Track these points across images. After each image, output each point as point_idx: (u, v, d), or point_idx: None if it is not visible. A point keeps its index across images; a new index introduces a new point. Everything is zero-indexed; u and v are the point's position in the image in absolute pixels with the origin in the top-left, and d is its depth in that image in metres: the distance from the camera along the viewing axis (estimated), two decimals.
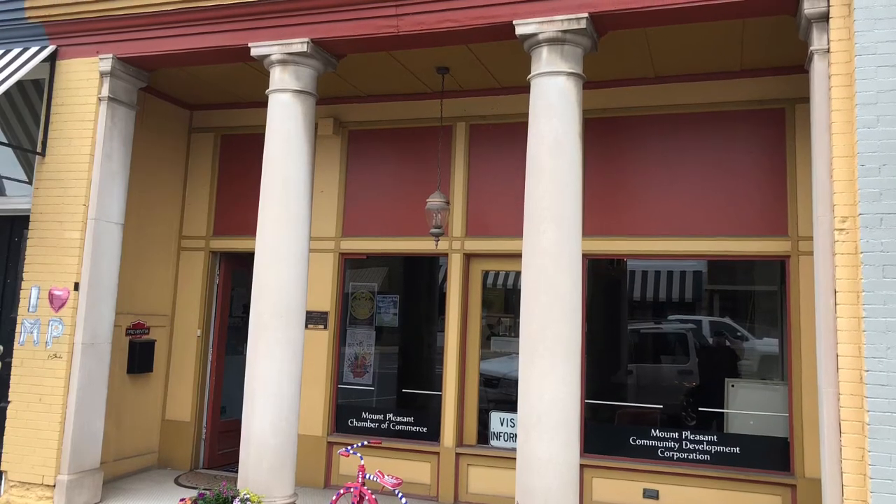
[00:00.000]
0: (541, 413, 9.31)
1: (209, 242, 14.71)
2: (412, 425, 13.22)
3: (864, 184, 8.20)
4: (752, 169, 11.74)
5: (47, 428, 11.63)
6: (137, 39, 11.97)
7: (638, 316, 13.06)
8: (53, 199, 12.02)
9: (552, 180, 9.58)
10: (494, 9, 10.12)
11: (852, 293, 8.31)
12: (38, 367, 11.77)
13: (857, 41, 8.43)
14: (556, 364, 9.34)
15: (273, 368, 10.66)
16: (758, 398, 11.73)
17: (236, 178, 14.68)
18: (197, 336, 14.53)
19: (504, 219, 12.72)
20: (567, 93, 9.76)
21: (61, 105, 12.24)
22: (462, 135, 13.22)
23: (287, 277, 10.81)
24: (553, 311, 9.41)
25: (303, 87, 11.12)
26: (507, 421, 12.71)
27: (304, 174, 11.05)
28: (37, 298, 11.91)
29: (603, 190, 12.33)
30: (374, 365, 13.76)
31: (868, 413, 7.93)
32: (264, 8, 11.10)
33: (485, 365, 13.06)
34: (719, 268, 12.46)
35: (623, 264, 12.75)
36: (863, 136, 8.26)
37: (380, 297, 13.91)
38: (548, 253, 9.49)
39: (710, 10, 9.47)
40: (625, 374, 12.88)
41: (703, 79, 12.01)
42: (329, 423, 13.48)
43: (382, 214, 13.61)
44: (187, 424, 14.42)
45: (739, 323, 12.48)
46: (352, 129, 14.01)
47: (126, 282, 13.32)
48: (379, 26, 10.69)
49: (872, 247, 8.10)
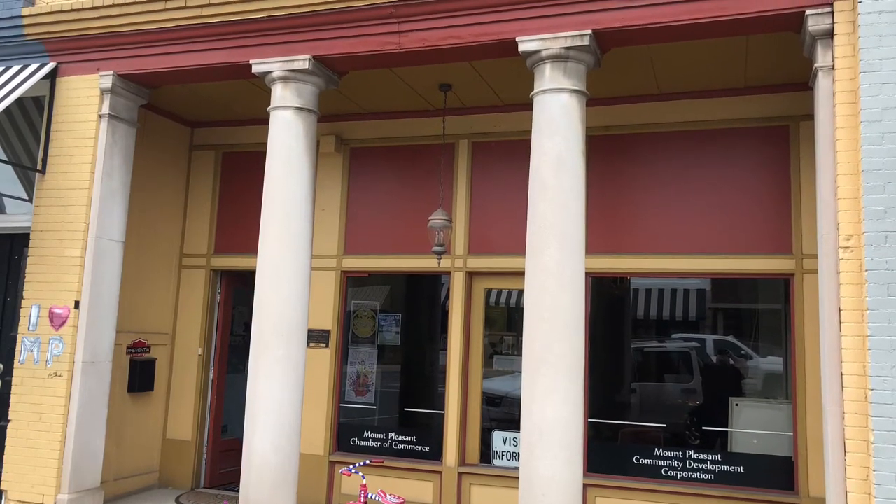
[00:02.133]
0: (544, 432, 9.26)
1: (210, 260, 14.66)
2: (414, 444, 13.15)
3: (869, 201, 8.17)
4: (757, 186, 11.69)
5: (47, 447, 11.58)
6: (138, 56, 11.95)
7: (641, 334, 13.01)
8: (54, 217, 11.98)
9: (555, 198, 9.54)
10: (497, 25, 10.10)
11: (857, 311, 8.27)
12: (39, 385, 11.72)
13: (861, 58, 8.40)
14: (559, 382, 9.29)
15: (274, 387, 10.59)
16: (762, 417, 11.68)
17: (237, 195, 14.63)
18: (198, 354, 14.46)
19: (506, 236, 12.66)
20: (570, 110, 9.72)
21: (62, 122, 12.21)
22: (464, 152, 13.19)
23: (288, 296, 10.76)
24: (556, 329, 9.35)
25: (304, 105, 11.08)
26: (509, 440, 12.64)
27: (305, 192, 11.00)
28: (37, 317, 11.86)
29: (606, 207, 12.28)
30: (376, 383, 13.70)
31: (873, 432, 7.90)
32: (266, 25, 11.07)
33: (487, 383, 13.00)
34: (723, 286, 12.42)
35: (626, 282, 12.70)
36: (867, 153, 8.24)
37: (382, 315, 13.86)
38: (551, 271, 9.45)
39: (713, 27, 9.45)
40: (628, 393, 12.83)
41: (707, 96, 11.97)
42: (331, 441, 13.42)
43: (384, 232, 13.56)
44: (188, 443, 14.35)
45: (743, 341, 12.43)
46: (354, 146, 13.96)
47: (127, 300, 13.25)
48: (381, 43, 10.66)
49: (877, 265, 8.08)
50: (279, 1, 10.87)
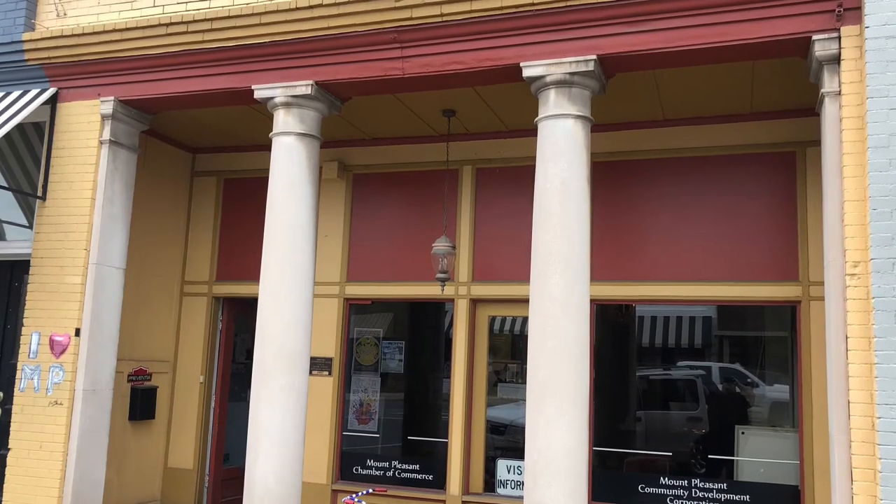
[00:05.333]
0: (548, 460, 9.17)
1: (212, 287, 14.60)
2: (418, 473, 13.07)
3: (876, 228, 8.11)
4: (763, 213, 11.64)
5: (48, 476, 11.48)
6: (139, 82, 11.89)
7: (647, 362, 12.97)
8: (54, 244, 11.91)
9: (560, 224, 9.47)
10: (501, 51, 10.04)
11: (864, 339, 8.21)
12: (39, 413, 11.63)
13: (868, 83, 8.34)
14: (563, 411, 9.20)
15: (277, 415, 10.50)
16: (768, 445, 11.61)
17: (239, 222, 14.58)
18: (200, 382, 14.39)
19: (511, 263, 12.60)
20: (575, 136, 9.65)
21: (62, 148, 12.16)
22: (468, 178, 13.13)
23: (291, 323, 10.68)
24: (560, 357, 9.28)
25: (307, 130, 11.01)
26: (514, 468, 12.56)
27: (308, 218, 10.93)
28: (37, 344, 11.79)
29: (611, 234, 12.22)
30: (379, 412, 13.64)
31: (880, 461, 7.84)
32: (268, 50, 11.03)
33: (491, 412, 12.94)
34: (729, 313, 12.37)
35: (632, 309, 12.65)
36: (874, 179, 8.18)
37: (385, 342, 13.81)
38: (555, 298, 9.37)
39: (719, 53, 9.40)
40: (633, 421, 12.78)
41: (713, 122, 11.93)
42: (333, 470, 13.33)
43: (387, 259, 13.51)
44: (190, 472, 14.26)
45: (749, 369, 12.39)
46: (357, 172, 13.92)
47: (128, 327, 13.17)
48: (384, 68, 10.60)
49: (884, 292, 8.01)
50: (281, 26, 10.83)
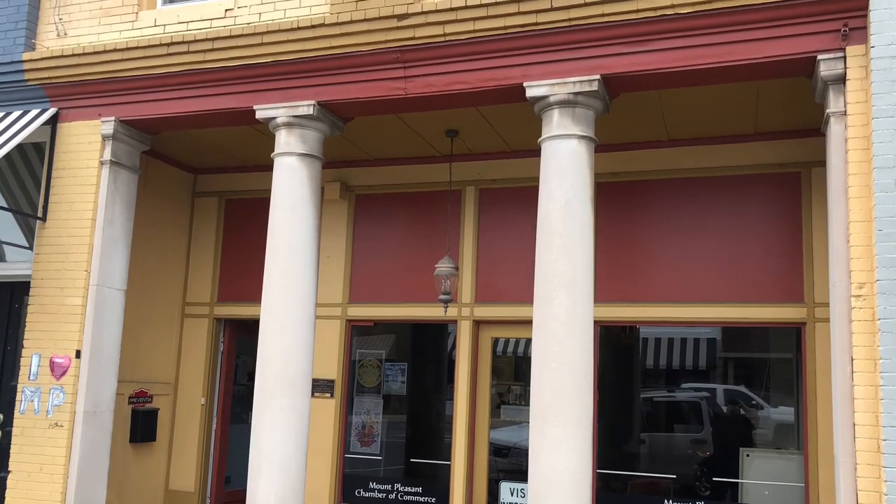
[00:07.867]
0: (552, 483, 9.13)
1: (213, 309, 14.56)
2: (420, 495, 13.02)
3: (882, 249, 8.10)
4: (767, 233, 11.60)
5: (48, 499, 11.42)
6: (140, 102, 11.86)
7: (651, 384, 12.95)
8: (54, 265, 11.88)
9: (563, 245, 9.43)
10: (504, 70, 10.01)
11: (869, 361, 8.19)
12: (39, 436, 11.58)
13: (874, 104, 8.31)
14: (567, 433, 9.16)
15: (278, 438, 10.46)
16: (773, 468, 11.56)
17: (241, 243, 14.54)
18: (201, 404, 14.35)
19: (514, 285, 12.55)
20: (579, 156, 9.62)
21: (62, 169, 12.13)
22: (471, 199, 13.10)
23: (292, 345, 10.63)
24: (564, 378, 9.23)
25: (309, 151, 10.98)
26: (517, 491, 12.50)
27: (310, 239, 10.89)
28: (37, 366, 11.74)
29: (615, 255, 12.18)
30: (381, 434, 13.60)
31: (886, 483, 7.81)
32: (270, 70, 10.99)
33: (494, 434, 12.89)
34: (734, 335, 12.34)
35: (636, 331, 12.62)
36: (880, 200, 8.16)
37: (387, 364, 13.78)
38: (559, 320, 9.33)
39: (724, 73, 9.37)
40: (637, 444, 12.74)
41: (718, 142, 11.89)
42: (335, 492, 13.28)
43: (390, 280, 13.47)
44: (191, 495, 14.20)
45: (754, 391, 12.36)
46: (359, 192, 13.89)
47: (128, 349, 13.10)
48: (387, 88, 10.57)
49: (890, 313, 8.00)
50: (283, 46, 10.82)
